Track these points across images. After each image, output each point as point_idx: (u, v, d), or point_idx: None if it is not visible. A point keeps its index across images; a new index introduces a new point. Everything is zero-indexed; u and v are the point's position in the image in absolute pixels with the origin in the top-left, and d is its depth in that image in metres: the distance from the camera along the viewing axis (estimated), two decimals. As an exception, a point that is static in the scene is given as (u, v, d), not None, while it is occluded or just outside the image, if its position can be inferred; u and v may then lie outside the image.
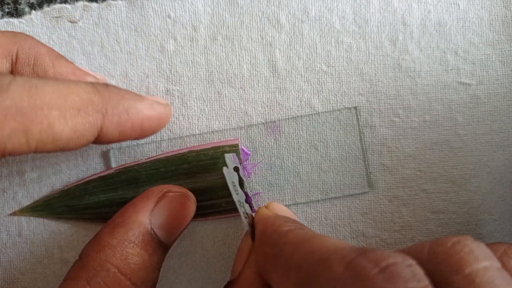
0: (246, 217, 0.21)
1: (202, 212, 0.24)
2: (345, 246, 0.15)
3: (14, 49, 0.21)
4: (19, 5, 0.25)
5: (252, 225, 0.21)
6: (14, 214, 0.25)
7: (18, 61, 0.21)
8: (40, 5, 0.25)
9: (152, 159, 0.24)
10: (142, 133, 0.21)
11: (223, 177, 0.22)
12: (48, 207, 0.25)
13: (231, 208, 0.24)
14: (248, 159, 0.25)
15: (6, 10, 0.26)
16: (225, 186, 0.23)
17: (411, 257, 0.14)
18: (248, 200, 0.24)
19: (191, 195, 0.23)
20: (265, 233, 0.19)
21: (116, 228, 0.21)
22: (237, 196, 0.21)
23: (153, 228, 0.21)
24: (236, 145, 0.24)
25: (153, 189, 0.22)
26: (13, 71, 0.21)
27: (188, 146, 0.25)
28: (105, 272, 0.20)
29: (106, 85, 0.20)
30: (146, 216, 0.21)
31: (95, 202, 0.24)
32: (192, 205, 0.23)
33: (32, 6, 0.25)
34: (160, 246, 0.21)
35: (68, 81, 0.19)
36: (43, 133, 0.18)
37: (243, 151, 0.24)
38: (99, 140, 0.20)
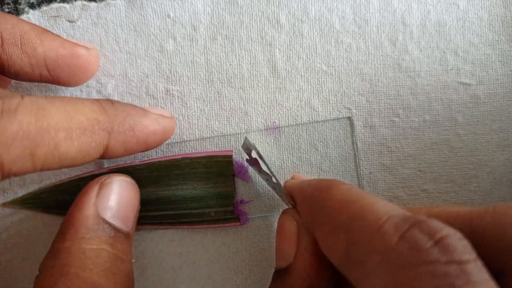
0: (275, 188, 0.21)
1: (190, 220, 0.24)
2: (396, 212, 0.15)
3: None
4: (19, 5, 0.25)
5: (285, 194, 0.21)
6: (4, 205, 0.25)
7: (5, 43, 0.20)
8: (40, 5, 0.25)
9: (146, 162, 0.24)
10: (147, 147, 0.21)
11: (214, 187, 0.23)
12: (39, 200, 0.24)
13: (219, 219, 0.24)
14: (240, 171, 0.25)
15: (6, 10, 0.25)
16: (217, 196, 0.23)
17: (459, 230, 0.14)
18: (236, 211, 0.24)
19: (128, 177, 0.22)
20: (306, 192, 0.19)
21: (65, 231, 0.20)
22: (266, 167, 0.21)
23: (104, 218, 0.20)
24: (230, 156, 0.24)
25: (90, 183, 0.21)
26: (0, 54, 0.20)
27: (184, 152, 0.25)
28: (64, 277, 0.19)
29: (112, 101, 0.20)
30: (91, 209, 0.20)
31: None
32: (133, 186, 0.22)
33: (32, 6, 0.25)
34: (120, 234, 0.21)
35: (75, 99, 0.19)
36: (49, 155, 0.18)
37: (237, 164, 0.24)
38: (105, 156, 0.20)
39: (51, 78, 0.22)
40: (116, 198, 0.21)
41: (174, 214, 0.24)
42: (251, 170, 0.25)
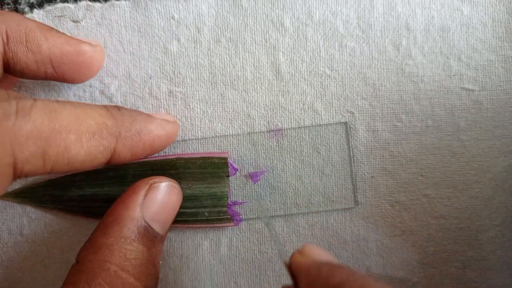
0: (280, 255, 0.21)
1: (184, 219, 0.24)
2: None
3: (3, 28, 0.21)
4: (19, 4, 0.25)
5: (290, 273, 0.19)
6: None
7: (10, 40, 0.21)
8: (40, 5, 0.25)
9: (141, 160, 0.24)
10: (152, 151, 0.22)
11: (209, 187, 0.23)
12: (33, 194, 0.24)
13: (213, 219, 0.24)
14: (235, 173, 0.25)
15: (6, 9, 0.25)
16: (211, 197, 0.23)
17: None
18: (230, 211, 0.24)
19: (176, 182, 0.23)
20: (313, 280, 0.17)
21: (109, 227, 0.20)
22: (278, 245, 0.22)
23: (146, 221, 0.21)
24: (225, 158, 0.24)
25: (139, 183, 0.22)
26: (6, 52, 0.21)
27: (180, 152, 0.25)
28: (105, 272, 0.19)
29: (118, 108, 0.21)
30: (137, 210, 0.21)
31: (79, 195, 0.24)
32: (178, 192, 0.23)
33: (32, 6, 0.25)
34: (157, 238, 0.21)
35: (84, 104, 0.20)
36: (59, 155, 0.18)
37: (231, 166, 0.24)
38: (112, 161, 0.20)
39: (56, 75, 0.22)
40: (161, 203, 0.22)
41: None
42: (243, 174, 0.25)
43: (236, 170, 0.24)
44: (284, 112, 0.25)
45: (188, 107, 0.25)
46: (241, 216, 0.25)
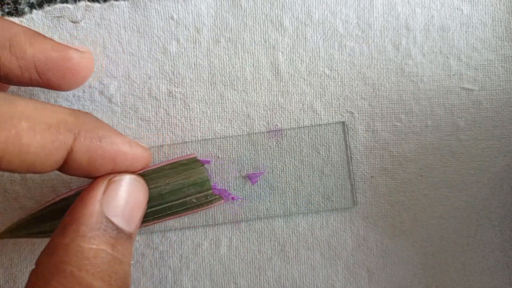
0: None
1: (174, 211, 0.23)
2: None
3: None
4: (19, 4, 0.25)
5: None
6: None
7: None
8: (40, 5, 0.25)
9: None
10: (114, 167, 0.21)
11: (187, 178, 0.23)
12: (25, 228, 0.24)
13: (203, 202, 0.23)
14: (209, 163, 0.24)
15: (6, 10, 0.25)
16: (193, 185, 0.23)
17: None
18: (216, 192, 0.24)
19: (140, 177, 0.22)
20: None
21: (66, 226, 0.19)
22: None
23: (108, 217, 0.20)
24: (194, 158, 0.23)
25: (97, 179, 0.21)
26: None
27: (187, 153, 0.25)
28: (61, 274, 0.18)
29: (87, 113, 0.20)
30: (96, 206, 0.19)
31: None
32: (142, 187, 0.22)
33: (32, 6, 0.25)
34: (122, 235, 0.20)
35: (48, 103, 0.19)
36: (9, 142, 0.17)
37: (202, 160, 0.24)
38: (67, 164, 0.19)
39: (41, 81, 0.21)
40: (123, 197, 0.20)
41: (157, 209, 0.23)
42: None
43: (208, 162, 0.24)
44: (283, 112, 0.25)
45: (187, 107, 0.25)
46: (229, 192, 0.25)
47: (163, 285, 0.25)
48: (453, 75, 0.25)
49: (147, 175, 0.23)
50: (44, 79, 0.21)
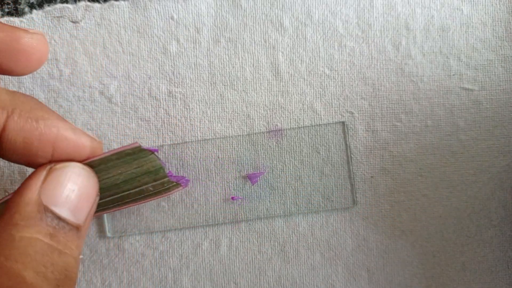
0: None
1: (133, 199, 0.23)
2: None
3: None
4: (19, 4, 0.25)
5: None
6: None
7: None
8: (40, 5, 0.25)
9: None
10: (53, 153, 0.19)
11: (140, 167, 0.22)
12: None
13: (161, 190, 0.23)
14: (157, 151, 0.23)
15: (6, 10, 0.25)
16: (147, 174, 0.22)
17: None
18: (173, 179, 0.23)
19: (86, 165, 0.21)
20: None
21: (1, 216, 0.18)
22: None
23: (47, 206, 0.18)
24: (138, 147, 0.22)
25: (38, 168, 0.19)
26: None
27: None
28: None
29: (29, 96, 0.19)
30: (33, 194, 0.18)
31: None
32: (88, 175, 0.20)
33: (32, 6, 0.25)
34: (64, 225, 0.19)
35: None
36: None
37: (148, 149, 0.23)
38: (2, 142, 0.18)
39: None
40: (67, 186, 0.19)
41: (115, 198, 0.22)
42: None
43: (156, 150, 0.23)
44: (283, 112, 0.25)
45: (187, 107, 0.25)
46: (186, 177, 0.24)
47: (163, 285, 0.25)
48: (453, 75, 0.25)
49: (96, 166, 0.22)
50: None
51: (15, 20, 0.25)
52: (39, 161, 0.19)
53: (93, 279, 0.25)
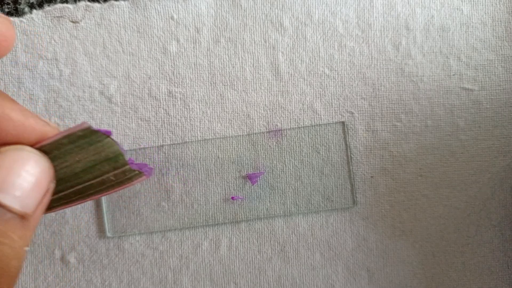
0: None
1: (96, 190, 0.22)
2: None
3: None
4: (19, 5, 0.25)
5: None
6: None
7: None
8: (40, 5, 0.25)
9: None
10: None
11: (97, 153, 0.21)
12: None
13: (123, 180, 0.22)
14: (111, 134, 0.22)
15: (6, 10, 0.25)
16: (107, 161, 0.21)
17: None
18: (135, 167, 0.22)
19: (35, 150, 0.19)
20: None
21: None
22: None
23: None
24: (88, 127, 0.21)
25: None
26: None
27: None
28: None
29: None
30: None
31: None
32: (39, 160, 0.19)
33: (32, 6, 0.25)
34: (4, 213, 0.17)
35: None
36: None
37: (101, 130, 0.21)
38: None
39: None
40: (12, 170, 0.18)
41: (77, 189, 0.21)
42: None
43: (109, 132, 0.21)
44: (283, 112, 0.25)
45: (187, 107, 0.25)
46: (149, 166, 0.24)
47: (163, 285, 0.25)
48: (453, 75, 0.25)
49: (49, 152, 0.20)
50: None
51: (15, 20, 0.25)
52: None
53: (93, 279, 0.25)
